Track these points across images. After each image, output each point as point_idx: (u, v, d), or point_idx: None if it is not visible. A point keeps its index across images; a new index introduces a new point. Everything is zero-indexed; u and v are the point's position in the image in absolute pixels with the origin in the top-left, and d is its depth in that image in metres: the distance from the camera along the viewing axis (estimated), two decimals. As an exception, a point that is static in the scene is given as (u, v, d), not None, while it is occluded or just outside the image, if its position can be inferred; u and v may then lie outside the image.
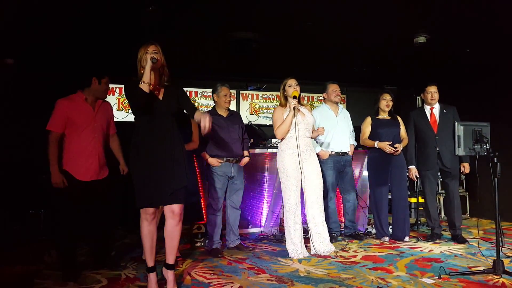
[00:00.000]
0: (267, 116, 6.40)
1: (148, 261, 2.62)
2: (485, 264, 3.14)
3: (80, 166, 2.98)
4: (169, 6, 3.49)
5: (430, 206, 4.09)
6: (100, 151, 3.08)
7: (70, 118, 2.96)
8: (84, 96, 3.07)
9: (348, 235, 4.28)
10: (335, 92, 4.25)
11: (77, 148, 2.98)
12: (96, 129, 3.06)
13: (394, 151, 3.98)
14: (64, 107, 2.98)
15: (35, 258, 3.49)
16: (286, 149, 3.54)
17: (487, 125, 3.15)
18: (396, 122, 4.17)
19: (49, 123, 2.96)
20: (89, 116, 3.04)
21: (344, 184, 4.28)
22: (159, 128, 2.55)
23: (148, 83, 2.46)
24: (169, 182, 2.52)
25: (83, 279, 2.92)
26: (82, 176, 2.98)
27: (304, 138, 3.56)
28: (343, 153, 4.21)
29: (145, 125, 2.55)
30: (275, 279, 2.88)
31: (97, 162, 3.04)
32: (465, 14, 3.72)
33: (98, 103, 3.14)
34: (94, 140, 3.04)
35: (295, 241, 3.49)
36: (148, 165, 2.51)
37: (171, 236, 2.61)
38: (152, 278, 2.61)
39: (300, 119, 3.53)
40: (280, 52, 5.00)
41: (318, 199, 3.56)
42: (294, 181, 3.50)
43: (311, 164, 3.56)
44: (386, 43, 4.60)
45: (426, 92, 4.12)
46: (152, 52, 2.52)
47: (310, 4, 3.53)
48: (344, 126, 4.27)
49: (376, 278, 2.86)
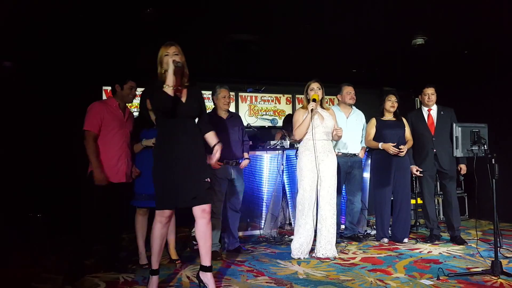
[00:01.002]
0: (266, 118, 6.41)
1: (154, 263, 2.61)
2: (483, 265, 3.15)
3: (111, 168, 3.05)
4: (167, 8, 3.50)
5: (428, 208, 4.09)
6: (129, 155, 3.19)
7: (104, 120, 3.06)
8: (117, 102, 3.19)
9: (347, 236, 4.28)
10: (350, 95, 4.27)
11: (110, 150, 3.07)
12: (125, 134, 3.17)
13: (398, 152, 3.98)
14: (99, 109, 3.08)
15: (33, 262, 3.48)
16: (304, 151, 3.59)
17: (485, 126, 3.16)
18: (401, 123, 4.15)
19: (86, 124, 3.03)
20: (121, 121, 3.16)
21: (351, 186, 4.28)
22: (182, 131, 2.57)
23: (172, 86, 2.49)
24: (192, 184, 2.55)
25: (81, 283, 2.91)
26: (111, 178, 3.05)
27: (322, 140, 3.58)
28: (352, 155, 4.21)
29: (168, 127, 2.58)
30: (274, 281, 2.88)
31: (126, 165, 3.14)
32: (463, 16, 3.74)
33: (127, 111, 3.28)
34: (124, 144, 3.15)
35: (302, 241, 3.51)
36: (171, 168, 2.53)
37: (205, 236, 2.59)
38: (154, 281, 2.60)
39: (318, 122, 3.57)
40: (279, 54, 5.01)
41: (331, 201, 3.58)
42: (310, 181, 3.52)
43: (327, 165, 3.58)
44: (384, 44, 4.61)
45: (424, 93, 4.13)
46: (173, 54, 2.55)
47: (309, 6, 3.55)
48: (355, 128, 4.26)
49: (375, 280, 2.86)
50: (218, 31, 4.14)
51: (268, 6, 3.55)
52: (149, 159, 3.31)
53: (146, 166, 3.33)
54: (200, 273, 2.65)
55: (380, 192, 4.13)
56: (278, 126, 6.28)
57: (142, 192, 3.33)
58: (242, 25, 4.06)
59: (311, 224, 3.52)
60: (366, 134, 4.25)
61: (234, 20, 3.90)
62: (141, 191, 3.33)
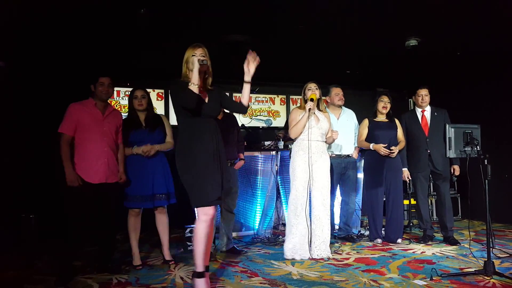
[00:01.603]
0: (261, 119, 6.41)
1: (199, 266, 2.53)
2: (476, 265, 3.17)
3: (90, 168, 3.02)
4: (160, 9, 3.49)
5: (422, 208, 4.11)
6: (110, 154, 3.12)
7: (80, 121, 3.03)
8: (94, 102, 3.14)
9: (341, 237, 4.29)
10: (338, 96, 4.27)
11: (87, 150, 3.03)
12: (105, 133, 3.11)
13: (389, 153, 3.99)
14: (75, 110, 3.05)
15: (25, 263, 3.45)
16: (298, 150, 3.59)
17: (477, 127, 3.19)
18: (393, 124, 4.17)
19: (61, 126, 3.02)
20: (98, 120, 3.10)
21: (345, 187, 4.29)
22: (207, 130, 2.58)
23: (197, 85, 2.49)
24: (220, 184, 2.57)
25: (74, 284, 2.89)
26: (91, 179, 3.02)
27: (316, 141, 3.59)
28: (346, 156, 4.22)
29: (192, 127, 2.56)
30: (268, 282, 2.88)
31: (106, 165, 3.08)
32: (456, 18, 3.77)
33: (109, 109, 3.21)
34: (103, 144, 3.08)
35: (295, 242, 3.51)
36: (201, 166, 2.51)
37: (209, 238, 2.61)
38: (200, 284, 2.52)
39: (313, 123, 3.57)
40: (273, 55, 5.01)
41: (324, 201, 3.59)
42: (302, 182, 3.53)
43: (321, 166, 3.59)
44: (378, 46, 4.63)
45: (417, 95, 4.15)
46: (199, 55, 2.57)
47: (303, 7, 3.55)
48: (347, 128, 4.27)
49: (369, 280, 2.86)
50: (212, 32, 4.13)
51: (262, 7, 3.55)
52: (140, 161, 3.32)
53: (137, 168, 3.32)
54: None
55: (372, 193, 4.15)
56: (272, 127, 6.30)
57: (135, 194, 3.30)
58: (236, 26, 4.06)
59: (304, 225, 3.52)
60: (358, 134, 4.26)
61: (228, 21, 3.89)
62: (134, 192, 3.30)
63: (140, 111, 3.42)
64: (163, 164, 3.44)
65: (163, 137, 3.49)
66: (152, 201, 3.35)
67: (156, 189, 3.36)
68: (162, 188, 3.39)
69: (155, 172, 3.36)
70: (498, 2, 3.40)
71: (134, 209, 3.37)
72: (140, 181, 3.31)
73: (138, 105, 3.39)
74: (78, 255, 3.46)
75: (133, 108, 3.42)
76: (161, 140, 3.46)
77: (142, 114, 3.43)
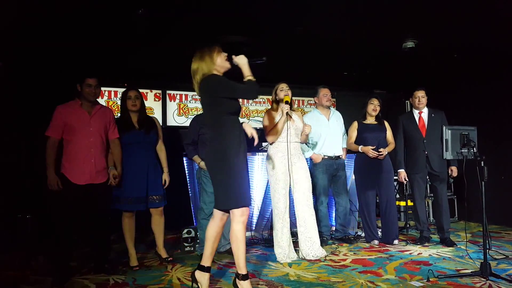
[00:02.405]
0: (258, 120, 6.40)
1: (243, 267, 2.58)
2: (473, 266, 3.18)
3: (75, 170, 3.00)
4: (158, 10, 3.48)
5: (419, 210, 4.13)
6: (97, 155, 3.08)
7: (67, 123, 3.02)
8: (80, 102, 3.11)
9: (338, 238, 4.30)
10: (326, 97, 4.26)
11: (73, 152, 3.02)
12: (91, 134, 3.07)
13: (378, 155, 4.01)
14: (61, 113, 3.04)
15: (21, 264, 3.43)
16: (276, 153, 3.54)
17: (474, 129, 3.20)
18: (382, 127, 4.20)
19: (48, 129, 3.02)
20: (84, 120, 3.07)
21: (337, 188, 4.29)
22: (239, 129, 2.56)
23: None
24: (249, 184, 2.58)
25: (70, 285, 2.88)
26: (77, 180, 3.00)
27: (294, 142, 3.57)
28: (336, 157, 4.23)
29: (229, 125, 2.52)
30: (265, 283, 2.88)
31: (93, 166, 3.05)
32: (453, 20, 3.79)
33: (96, 108, 3.16)
34: (90, 145, 3.06)
35: (283, 245, 3.49)
36: (238, 168, 2.50)
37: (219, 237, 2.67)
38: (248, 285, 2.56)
39: (290, 124, 3.54)
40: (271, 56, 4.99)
41: (308, 202, 3.57)
42: (283, 184, 3.51)
43: (300, 167, 3.58)
44: (375, 47, 4.65)
45: (414, 96, 4.17)
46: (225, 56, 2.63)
47: (300, 8, 3.56)
48: (337, 130, 4.28)
49: (366, 282, 2.87)
50: (210, 33, 4.12)
51: (260, 9, 3.55)
52: (131, 162, 3.27)
53: (129, 169, 3.28)
54: (198, 272, 2.64)
55: (364, 195, 4.17)
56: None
57: (128, 196, 3.25)
58: (234, 27, 4.06)
59: (288, 228, 3.51)
60: (348, 137, 4.28)
61: (226, 22, 3.89)
62: (127, 195, 3.25)
63: (133, 112, 3.38)
64: (154, 165, 3.41)
65: (157, 139, 3.47)
66: (146, 203, 3.33)
67: (150, 190, 3.34)
68: (157, 189, 3.38)
69: (148, 173, 3.33)
70: (495, 4, 3.43)
71: (128, 211, 3.34)
72: (133, 182, 3.27)
73: (132, 106, 3.35)
74: (74, 256, 3.45)
75: (126, 109, 3.37)
76: (155, 142, 3.44)
77: (134, 115, 3.39)
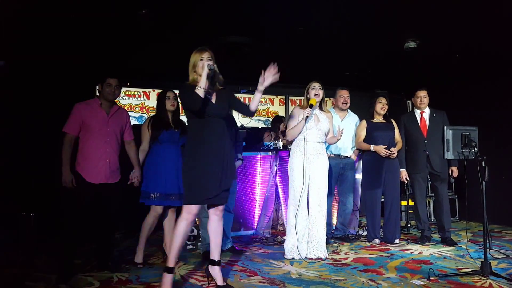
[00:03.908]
0: (260, 119, 6.43)
1: (172, 261, 2.58)
2: (473, 266, 3.20)
3: (91, 169, 3.03)
4: (161, 10, 3.51)
5: (420, 209, 4.15)
6: (112, 155, 3.12)
7: (84, 121, 3.05)
8: (99, 102, 3.15)
9: (337, 237, 4.32)
10: (342, 99, 4.30)
11: (89, 150, 3.05)
12: (108, 134, 3.11)
13: (390, 154, 4.02)
14: (79, 110, 3.07)
15: (25, 261, 3.46)
16: (296, 151, 3.60)
17: (475, 129, 3.22)
18: (391, 125, 4.21)
19: (65, 126, 3.05)
20: (102, 120, 3.11)
21: (343, 188, 4.32)
22: (212, 131, 2.64)
23: (204, 88, 2.55)
24: (219, 183, 2.61)
25: (75, 282, 2.90)
26: (91, 178, 3.03)
27: (314, 142, 3.60)
28: (344, 157, 4.24)
29: (199, 127, 2.64)
30: (267, 281, 2.90)
31: (108, 165, 3.08)
32: (455, 20, 3.80)
33: (114, 108, 3.21)
34: (106, 144, 3.09)
35: (294, 242, 3.53)
36: (200, 166, 2.58)
37: (216, 232, 2.72)
38: (169, 279, 2.58)
39: (313, 124, 3.58)
40: (272, 56, 5.00)
41: (321, 202, 3.60)
42: (299, 182, 3.54)
43: (318, 167, 3.60)
44: (377, 48, 4.66)
45: (416, 96, 4.19)
46: (207, 59, 2.63)
47: (302, 9, 3.58)
48: (349, 132, 4.28)
49: (367, 280, 2.89)
50: (211, 33, 4.15)
51: (261, 8, 3.57)
52: (169, 159, 3.32)
53: (163, 165, 3.31)
54: (209, 267, 2.73)
55: (371, 194, 4.17)
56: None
57: (161, 191, 3.29)
58: (235, 27, 4.08)
59: (303, 225, 3.54)
60: (356, 136, 4.28)
61: (227, 22, 3.91)
62: (159, 190, 3.29)
63: (170, 112, 3.46)
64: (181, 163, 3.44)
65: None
66: (180, 199, 3.27)
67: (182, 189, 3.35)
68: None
69: (178, 172, 3.29)
70: (496, 4, 3.44)
71: (157, 210, 3.33)
72: (165, 178, 3.30)
73: (171, 106, 3.43)
74: (78, 253, 3.47)
75: (164, 109, 3.42)
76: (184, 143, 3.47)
77: (170, 115, 3.46)
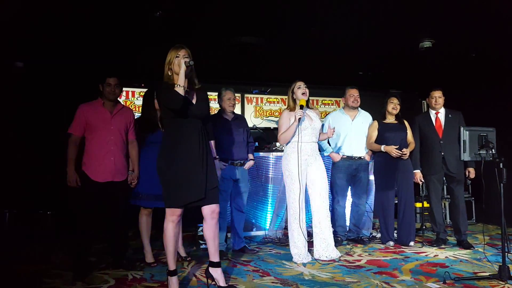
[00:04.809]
0: (272, 120, 6.42)
1: (171, 264, 2.60)
2: (490, 270, 3.13)
3: (96, 167, 3.07)
4: (175, 12, 3.54)
5: (435, 211, 4.08)
6: (117, 153, 3.15)
7: (88, 121, 3.11)
8: (102, 101, 3.20)
9: (350, 239, 4.28)
10: (352, 97, 4.24)
11: (94, 150, 3.10)
12: (112, 132, 3.14)
13: (401, 154, 3.98)
14: (83, 111, 3.13)
15: (43, 258, 3.53)
16: (292, 153, 3.52)
17: (492, 130, 3.15)
18: (403, 126, 4.15)
19: (70, 127, 3.12)
20: (105, 119, 3.15)
21: (356, 189, 4.27)
22: (191, 131, 2.58)
23: (183, 86, 2.49)
24: (203, 184, 2.56)
25: (91, 279, 2.95)
26: (96, 177, 3.07)
27: (311, 143, 3.56)
28: (357, 158, 4.20)
29: (177, 127, 2.57)
30: (280, 282, 2.90)
31: (113, 164, 3.12)
32: (471, 19, 3.74)
33: (118, 107, 3.24)
34: (110, 143, 3.13)
35: (299, 245, 3.49)
36: (180, 167, 2.53)
37: (214, 236, 2.64)
38: (174, 281, 2.60)
39: (307, 124, 3.53)
40: (285, 56, 5.03)
41: (324, 203, 3.56)
42: (299, 185, 3.50)
43: (317, 168, 3.57)
44: (391, 47, 4.62)
45: (431, 96, 4.12)
46: (183, 57, 2.56)
47: (314, 9, 3.56)
48: (360, 131, 4.24)
49: (381, 282, 2.86)
50: (224, 34, 4.16)
51: (274, 9, 3.57)
52: (150, 160, 3.23)
53: (152, 167, 3.34)
54: (210, 269, 2.67)
55: (384, 195, 4.12)
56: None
57: (149, 192, 3.30)
58: (248, 28, 4.09)
59: (304, 228, 3.50)
60: (368, 136, 4.22)
61: (240, 22, 3.92)
62: (148, 191, 3.30)
63: (158, 111, 3.44)
64: None
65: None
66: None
67: None
68: None
69: None
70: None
71: (147, 208, 3.39)
72: (155, 180, 3.32)
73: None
74: (93, 251, 3.52)
75: (153, 108, 3.39)
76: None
77: (158, 115, 3.45)
